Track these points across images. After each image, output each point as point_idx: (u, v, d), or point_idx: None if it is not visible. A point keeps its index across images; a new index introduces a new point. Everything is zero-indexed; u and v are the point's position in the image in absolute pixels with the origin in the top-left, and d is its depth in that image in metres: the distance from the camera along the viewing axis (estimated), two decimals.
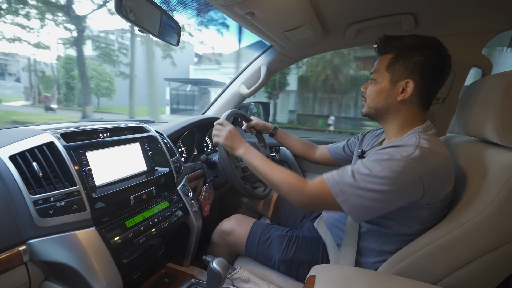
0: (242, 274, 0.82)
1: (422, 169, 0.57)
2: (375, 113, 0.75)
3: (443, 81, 0.69)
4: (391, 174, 0.57)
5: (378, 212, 0.61)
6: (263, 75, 1.29)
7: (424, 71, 0.66)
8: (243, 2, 0.71)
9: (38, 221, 0.54)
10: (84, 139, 0.68)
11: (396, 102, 0.69)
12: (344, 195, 0.60)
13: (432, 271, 0.62)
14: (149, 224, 0.72)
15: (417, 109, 0.70)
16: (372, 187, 0.59)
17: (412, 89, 0.66)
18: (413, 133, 0.66)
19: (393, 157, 0.59)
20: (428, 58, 0.65)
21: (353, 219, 0.64)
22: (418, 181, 0.57)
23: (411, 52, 0.66)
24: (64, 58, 12.07)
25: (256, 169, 0.75)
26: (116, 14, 0.67)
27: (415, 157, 0.57)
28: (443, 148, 0.63)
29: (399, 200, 0.60)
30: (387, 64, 0.70)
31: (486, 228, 0.56)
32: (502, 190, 0.54)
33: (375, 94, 0.72)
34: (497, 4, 0.85)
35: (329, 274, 0.63)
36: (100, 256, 0.58)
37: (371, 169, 0.60)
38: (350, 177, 0.61)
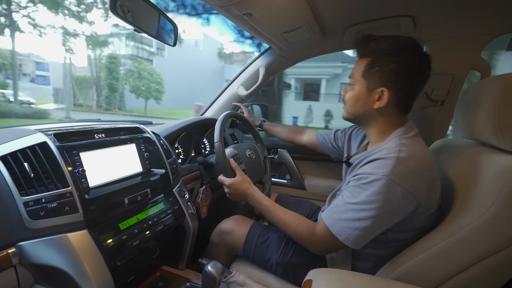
0: (238, 278, 0.81)
1: (407, 182, 0.58)
2: (354, 118, 0.75)
3: (422, 85, 0.68)
4: (379, 196, 0.58)
5: (380, 231, 0.63)
6: (261, 76, 1.29)
7: (399, 79, 0.65)
8: (241, 2, 0.71)
9: (28, 222, 0.53)
10: (78, 140, 0.67)
11: (373, 109, 0.69)
12: (344, 232, 0.62)
13: (431, 277, 0.61)
14: (144, 227, 0.70)
15: (396, 115, 0.69)
16: (366, 215, 0.60)
17: (387, 97, 0.66)
18: (394, 137, 0.66)
19: (376, 178, 0.59)
20: (404, 64, 0.64)
21: (359, 247, 0.64)
22: (407, 194, 0.58)
23: (386, 59, 0.65)
24: (108, 57, 11.12)
25: (265, 217, 0.81)
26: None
27: (397, 172, 0.58)
28: (423, 150, 0.63)
29: (396, 216, 0.61)
30: (363, 70, 0.69)
31: (485, 233, 0.55)
32: (500, 194, 0.54)
33: (352, 101, 0.72)
34: (496, 7, 0.85)
35: (326, 278, 0.62)
36: (92, 259, 0.57)
37: (358, 195, 0.61)
38: (343, 212, 0.63)
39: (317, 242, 0.69)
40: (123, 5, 0.74)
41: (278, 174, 1.51)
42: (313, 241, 0.69)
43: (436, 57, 1.04)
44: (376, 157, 0.63)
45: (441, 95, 1.06)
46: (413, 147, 0.62)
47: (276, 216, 0.77)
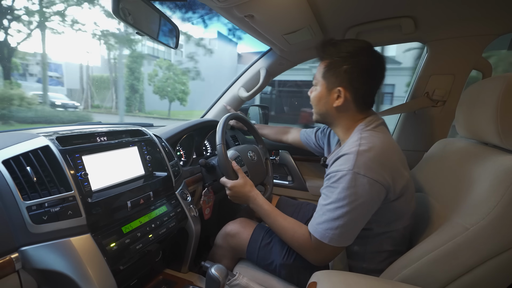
0: (241, 281, 0.80)
1: (371, 171, 0.61)
2: (320, 118, 0.80)
3: (376, 84, 0.73)
4: (349, 191, 0.61)
5: (362, 224, 0.65)
6: (262, 78, 1.29)
7: (353, 78, 0.70)
8: (243, 4, 0.71)
9: (31, 227, 0.52)
10: (81, 143, 0.66)
11: (333, 108, 0.74)
12: (327, 234, 0.64)
13: (436, 278, 0.60)
14: (147, 230, 0.70)
15: (356, 112, 0.74)
16: (342, 212, 0.62)
17: (344, 96, 0.71)
18: (355, 132, 0.71)
19: (342, 174, 0.63)
20: (357, 65, 0.69)
21: (346, 245, 0.66)
22: (373, 183, 0.61)
23: (341, 61, 0.70)
24: (130, 56, 10.34)
25: (265, 221, 0.82)
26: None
27: (359, 164, 0.61)
28: (383, 140, 0.67)
29: (371, 207, 0.63)
30: (322, 72, 0.74)
31: (490, 233, 0.55)
32: (505, 194, 0.53)
33: (315, 101, 0.78)
34: (497, 7, 0.85)
35: (330, 280, 0.61)
36: (95, 264, 0.57)
37: (330, 195, 0.64)
38: (321, 215, 0.65)
39: (312, 250, 0.69)
40: (124, 8, 0.74)
41: (279, 176, 1.51)
42: (309, 249, 0.69)
43: (438, 57, 1.05)
44: (341, 154, 0.67)
45: (443, 95, 1.06)
46: (373, 138, 0.66)
47: (275, 222, 0.77)
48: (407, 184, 0.66)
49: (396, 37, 1.05)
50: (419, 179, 0.89)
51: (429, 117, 1.11)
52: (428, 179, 0.84)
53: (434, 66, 1.06)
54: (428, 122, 1.12)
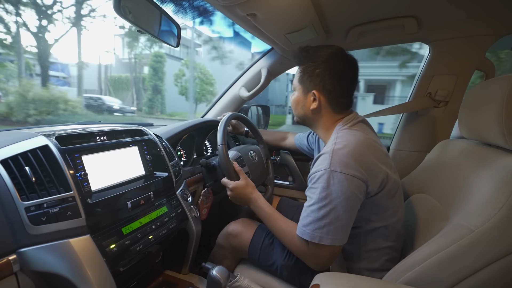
0: (242, 282, 0.79)
1: (347, 168, 0.63)
2: (301, 121, 0.84)
3: (348, 85, 0.76)
4: (329, 189, 0.63)
5: (349, 221, 0.66)
6: (263, 78, 1.28)
7: (325, 81, 0.74)
8: (245, 3, 0.70)
9: (29, 228, 0.51)
10: (80, 142, 0.65)
11: (310, 111, 0.78)
12: (316, 234, 0.64)
13: (440, 281, 0.60)
14: (147, 231, 0.69)
15: (332, 113, 0.77)
16: (325, 211, 0.63)
17: (318, 98, 0.75)
18: (334, 132, 0.74)
19: (320, 174, 0.64)
20: (328, 69, 0.74)
21: (341, 244, 0.66)
22: (351, 178, 0.62)
23: (314, 66, 0.75)
24: (153, 55, 9.75)
25: (265, 224, 0.82)
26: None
27: (335, 162, 0.63)
28: (358, 137, 0.69)
29: (353, 203, 0.64)
30: (298, 77, 0.79)
31: (495, 235, 0.54)
32: (511, 196, 0.53)
33: (294, 105, 0.82)
34: (500, 7, 0.84)
35: (333, 283, 0.60)
36: (95, 265, 0.56)
37: (313, 196, 0.66)
38: (306, 217, 0.66)
39: (310, 254, 0.69)
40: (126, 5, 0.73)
41: (280, 176, 1.50)
42: (306, 253, 0.69)
43: (440, 57, 1.05)
44: (319, 154, 0.69)
45: (445, 96, 1.05)
46: (348, 136, 0.69)
47: (275, 225, 0.77)
48: (387, 177, 0.67)
49: (399, 37, 1.04)
50: (421, 180, 0.88)
51: (431, 118, 1.11)
52: (430, 180, 0.83)
53: (437, 66, 1.05)
54: (431, 123, 1.11)
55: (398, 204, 0.72)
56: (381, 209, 0.69)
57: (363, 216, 0.69)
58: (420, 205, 0.81)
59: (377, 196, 0.67)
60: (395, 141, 1.21)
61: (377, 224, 0.70)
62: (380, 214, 0.69)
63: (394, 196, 0.70)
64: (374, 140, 0.73)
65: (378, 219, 0.69)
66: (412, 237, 0.76)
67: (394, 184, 0.69)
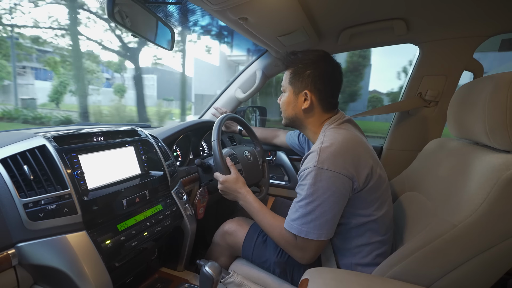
0: (235, 279, 0.81)
1: (333, 165, 0.65)
2: (290, 122, 0.86)
3: (336, 85, 0.81)
4: (315, 186, 0.65)
5: (337, 218, 0.68)
6: (258, 79, 1.31)
7: (316, 81, 0.78)
8: (236, 7, 0.72)
9: (28, 224, 0.54)
10: (77, 142, 0.68)
11: (301, 111, 0.81)
12: (303, 228, 0.67)
13: (425, 275, 0.61)
14: (142, 228, 0.71)
15: (322, 112, 0.81)
16: (312, 206, 0.66)
17: (310, 98, 0.78)
18: (322, 131, 0.77)
19: (308, 171, 0.67)
20: (318, 70, 0.77)
21: (326, 239, 0.69)
22: (337, 175, 0.65)
23: (304, 68, 0.78)
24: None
25: (254, 219, 0.84)
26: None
27: (322, 160, 0.66)
28: (344, 135, 0.72)
29: (340, 199, 0.67)
30: (289, 78, 0.82)
31: (477, 230, 0.56)
32: (491, 191, 0.54)
33: (285, 106, 0.84)
34: (485, 10, 0.86)
35: (322, 277, 0.62)
36: (91, 260, 0.58)
37: (301, 192, 0.68)
38: (294, 212, 0.69)
39: (297, 248, 0.71)
40: (121, 11, 0.75)
41: (276, 176, 1.52)
42: (294, 246, 0.71)
43: (430, 58, 1.07)
44: (307, 153, 0.72)
45: (435, 96, 1.07)
46: (335, 134, 0.72)
47: (264, 219, 0.79)
48: (371, 172, 0.69)
49: (389, 38, 1.07)
50: (412, 178, 0.90)
51: (422, 117, 1.13)
52: (420, 178, 0.85)
53: (427, 67, 1.07)
54: (422, 122, 1.13)
55: (384, 198, 0.74)
56: (368, 204, 0.71)
57: (351, 211, 0.71)
58: (410, 203, 0.83)
59: (362, 191, 0.69)
60: (388, 141, 1.23)
61: (365, 219, 0.72)
62: (367, 209, 0.71)
63: (379, 191, 0.72)
64: (360, 137, 0.75)
65: (365, 213, 0.72)
66: (402, 234, 0.78)
67: (379, 179, 0.72)
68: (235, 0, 0.68)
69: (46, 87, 7.83)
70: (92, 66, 8.20)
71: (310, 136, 0.85)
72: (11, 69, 7.65)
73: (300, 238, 0.68)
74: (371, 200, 0.71)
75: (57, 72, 7.68)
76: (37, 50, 7.75)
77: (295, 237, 0.70)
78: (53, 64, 7.64)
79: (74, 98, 7.54)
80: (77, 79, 7.26)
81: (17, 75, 8.43)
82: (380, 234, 0.74)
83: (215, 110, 1.40)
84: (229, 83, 1.44)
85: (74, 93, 7.34)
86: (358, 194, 0.69)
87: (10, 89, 7.50)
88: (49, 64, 7.77)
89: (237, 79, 1.40)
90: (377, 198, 0.72)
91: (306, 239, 0.67)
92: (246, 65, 1.40)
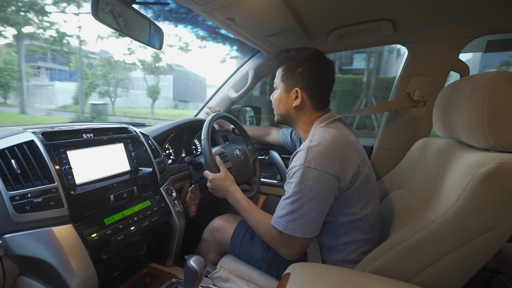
0: (222, 274, 0.83)
1: (320, 164, 0.66)
2: (282, 119, 0.87)
3: (327, 84, 0.81)
4: (302, 184, 0.66)
5: (321, 215, 0.69)
6: (250, 79, 1.32)
7: (307, 79, 0.78)
8: (222, 8, 0.74)
9: (14, 216, 0.55)
10: (66, 138, 0.69)
11: (292, 108, 0.81)
12: (289, 226, 0.68)
13: (404, 269, 0.63)
14: (129, 222, 0.73)
15: (313, 110, 0.81)
16: (299, 204, 0.67)
17: (301, 95, 0.78)
18: (312, 129, 0.78)
19: (295, 169, 0.68)
20: (309, 68, 0.77)
21: (312, 236, 0.70)
22: (323, 174, 0.66)
23: (296, 65, 0.78)
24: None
25: (242, 216, 0.85)
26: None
27: (309, 159, 0.67)
28: (333, 134, 0.72)
29: (326, 197, 0.68)
30: (281, 75, 0.82)
31: (453, 225, 0.57)
32: (467, 188, 0.56)
33: (276, 103, 0.85)
34: (469, 12, 0.88)
35: (303, 271, 0.64)
36: (76, 252, 0.59)
37: (288, 190, 0.70)
38: (281, 209, 0.70)
39: (283, 244, 0.72)
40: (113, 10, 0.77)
41: (269, 175, 1.54)
42: (280, 242, 0.73)
43: (417, 59, 1.08)
44: (296, 151, 0.73)
45: (423, 96, 1.09)
46: (323, 133, 0.72)
47: (251, 216, 0.80)
48: (358, 172, 0.70)
49: (377, 39, 1.08)
50: (399, 177, 0.92)
51: (411, 117, 1.14)
52: (407, 177, 0.86)
53: (414, 67, 1.09)
54: (410, 122, 1.14)
55: (370, 197, 0.75)
56: (354, 202, 0.72)
57: (337, 209, 0.72)
58: (396, 201, 0.84)
59: (349, 190, 0.70)
60: (378, 140, 1.24)
61: (351, 218, 0.73)
62: (353, 207, 0.72)
63: (366, 190, 0.73)
64: (349, 136, 0.76)
65: (352, 212, 0.73)
66: (387, 232, 0.79)
67: (366, 178, 0.72)
68: (221, 1, 0.70)
69: (67, 88, 7.70)
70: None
71: (301, 133, 0.86)
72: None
73: (286, 235, 0.69)
74: (357, 199, 0.72)
75: (85, 74, 7.62)
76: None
77: (281, 234, 0.71)
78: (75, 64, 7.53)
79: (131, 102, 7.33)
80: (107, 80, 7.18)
81: (34, 76, 8.19)
82: (366, 232, 0.75)
83: (209, 109, 1.41)
84: (223, 82, 1.46)
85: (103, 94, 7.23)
86: (344, 193, 0.70)
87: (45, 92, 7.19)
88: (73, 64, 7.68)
89: (230, 78, 1.42)
90: (363, 197, 0.73)
91: (292, 236, 0.68)
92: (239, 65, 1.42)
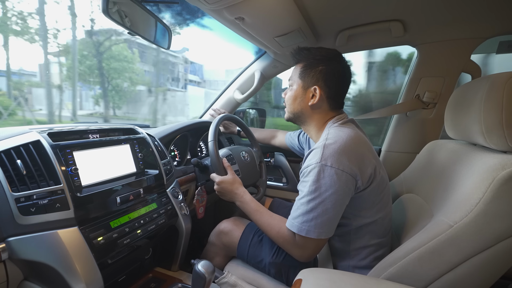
0: (229, 279, 0.80)
1: (337, 162, 0.64)
2: (294, 117, 0.85)
3: (345, 85, 0.80)
4: (318, 183, 0.64)
5: (338, 217, 0.67)
6: (256, 80, 1.31)
7: (327, 78, 0.76)
8: (232, 7, 0.73)
9: (19, 218, 0.54)
10: (72, 139, 0.68)
11: (308, 106, 0.79)
12: (303, 227, 0.65)
13: (421, 276, 0.60)
14: (135, 225, 0.71)
15: (328, 110, 0.80)
16: (314, 204, 0.65)
17: (319, 94, 0.76)
18: (325, 129, 0.76)
19: (311, 168, 0.66)
20: (330, 68, 0.76)
21: (326, 237, 0.67)
22: (340, 173, 0.64)
23: (316, 63, 0.77)
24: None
25: (251, 219, 0.83)
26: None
27: (326, 157, 0.65)
28: (348, 133, 0.70)
29: (342, 197, 0.65)
30: (299, 72, 0.80)
31: (473, 230, 0.55)
32: (487, 191, 0.54)
33: (291, 100, 0.83)
34: (483, 11, 0.86)
35: (315, 277, 0.61)
36: (82, 257, 0.57)
37: (303, 190, 0.67)
38: (296, 209, 0.68)
39: (296, 246, 0.70)
40: (120, 10, 0.76)
41: (274, 178, 1.52)
42: (292, 245, 0.70)
43: (427, 60, 1.07)
44: (311, 149, 0.71)
45: (434, 98, 1.07)
46: (339, 132, 0.70)
47: (261, 219, 0.78)
48: (374, 172, 0.68)
49: (386, 40, 1.07)
50: (410, 180, 0.89)
51: (420, 119, 1.12)
52: (418, 180, 0.84)
53: (424, 68, 1.07)
54: (420, 124, 1.13)
55: (385, 199, 0.73)
56: (369, 204, 0.70)
57: (352, 211, 0.70)
58: (408, 204, 0.82)
59: (365, 191, 0.68)
60: (386, 143, 1.22)
61: (365, 220, 0.71)
62: (368, 210, 0.70)
63: (382, 192, 0.71)
64: (363, 137, 0.75)
65: (366, 214, 0.71)
66: (400, 237, 0.77)
67: (381, 180, 0.71)
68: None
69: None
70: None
71: (312, 133, 0.83)
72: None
73: (300, 236, 0.67)
74: (373, 201, 0.70)
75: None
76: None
77: (294, 235, 0.69)
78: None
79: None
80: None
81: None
82: (379, 236, 0.73)
83: (214, 111, 1.40)
84: (229, 83, 1.44)
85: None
86: (360, 193, 0.68)
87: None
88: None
89: (236, 80, 1.41)
90: (379, 199, 0.71)
91: (305, 237, 0.66)
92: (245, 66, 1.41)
